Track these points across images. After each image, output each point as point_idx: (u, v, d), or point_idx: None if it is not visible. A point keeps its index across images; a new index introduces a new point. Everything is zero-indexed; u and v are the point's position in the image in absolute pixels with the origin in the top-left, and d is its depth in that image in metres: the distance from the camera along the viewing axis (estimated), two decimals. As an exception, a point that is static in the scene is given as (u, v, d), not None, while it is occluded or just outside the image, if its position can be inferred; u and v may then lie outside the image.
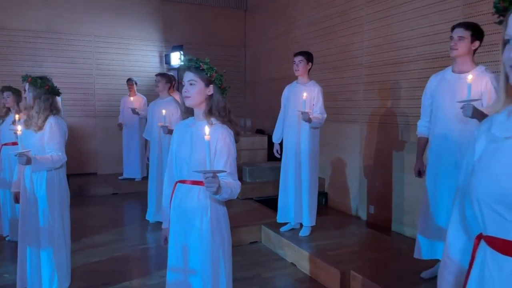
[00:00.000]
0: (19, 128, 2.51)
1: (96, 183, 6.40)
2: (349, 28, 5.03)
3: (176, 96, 5.28)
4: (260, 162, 6.07)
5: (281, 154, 3.85)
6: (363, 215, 4.82)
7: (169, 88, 4.73)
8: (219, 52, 7.51)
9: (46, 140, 2.77)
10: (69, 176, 6.20)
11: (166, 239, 2.07)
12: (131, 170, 6.37)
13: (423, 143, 2.90)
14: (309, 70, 3.73)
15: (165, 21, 7.43)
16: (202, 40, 7.46)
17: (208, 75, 1.89)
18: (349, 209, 5.04)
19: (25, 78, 2.85)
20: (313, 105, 3.61)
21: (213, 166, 1.73)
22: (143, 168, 6.32)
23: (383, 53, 4.50)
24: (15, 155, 2.57)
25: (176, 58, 7.05)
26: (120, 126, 6.36)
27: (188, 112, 2.01)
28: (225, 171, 1.76)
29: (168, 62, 7.29)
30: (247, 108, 7.90)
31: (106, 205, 5.57)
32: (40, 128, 2.78)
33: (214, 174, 1.64)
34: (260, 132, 7.12)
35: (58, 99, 6.80)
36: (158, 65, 7.40)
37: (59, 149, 2.79)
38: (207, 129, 1.67)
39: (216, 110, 1.92)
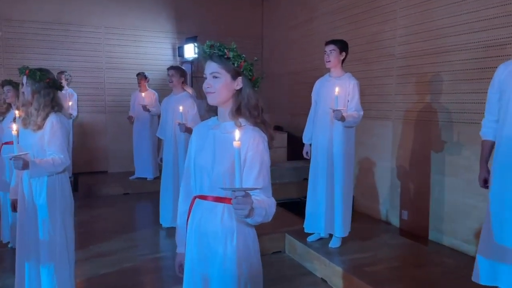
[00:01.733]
0: (14, 127, 2.17)
1: (106, 182, 6.09)
2: (379, 16, 4.57)
3: (189, 90, 4.92)
4: (280, 162, 5.67)
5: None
6: (395, 221, 4.39)
7: (182, 83, 4.36)
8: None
9: (47, 141, 2.44)
10: (78, 174, 6.01)
11: (181, 267, 1.69)
12: (142, 169, 6.03)
13: (488, 147, 2.44)
14: (343, 61, 3.30)
15: (178, 12, 7.04)
16: (217, 31, 7.03)
17: (236, 65, 1.49)
18: (378, 214, 4.62)
19: (22, 70, 2.51)
20: (348, 101, 3.18)
21: (242, 180, 1.33)
22: (155, 168, 5.99)
23: (420, 42, 4.04)
24: (10, 159, 2.23)
25: (190, 51, 6.67)
26: (130, 119, 6.01)
27: (211, 110, 1.62)
28: (259, 188, 1.38)
29: (181, 54, 6.92)
30: (264, 103, 7.47)
31: (116, 207, 5.26)
32: (40, 127, 2.44)
33: (247, 192, 1.26)
34: (278, 128, 6.70)
35: (75, 96, 6.48)
36: (171, 58, 7.03)
37: (62, 151, 2.44)
38: (237, 134, 1.28)
39: (246, 109, 1.52)
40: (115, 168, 6.71)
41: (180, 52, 6.95)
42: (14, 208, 2.62)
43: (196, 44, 6.60)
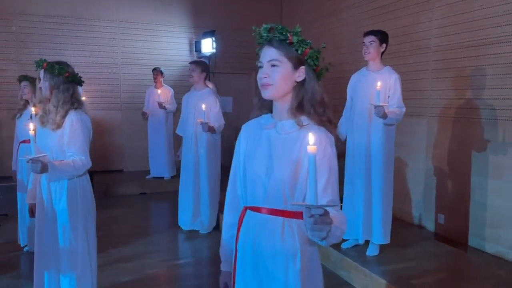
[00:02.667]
0: (31, 126, 1.96)
1: (122, 181, 5.92)
2: (413, 6, 4.28)
3: (209, 85, 4.70)
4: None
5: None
6: (429, 225, 4.12)
7: (205, 78, 4.14)
8: (253, 38, 6.82)
9: (66, 141, 2.23)
10: (94, 173, 5.82)
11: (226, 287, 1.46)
12: (158, 168, 5.84)
13: None
14: (383, 53, 3.04)
15: (194, 5, 6.82)
16: (235, 25, 6.80)
17: (299, 52, 1.25)
18: (410, 217, 4.35)
19: (39, 64, 2.30)
20: (389, 97, 2.93)
21: (318, 195, 1.08)
22: (171, 167, 5.79)
23: (458, 34, 3.76)
24: (27, 162, 2.02)
25: (208, 45, 6.45)
26: (144, 115, 5.79)
27: (263, 106, 1.38)
28: (336, 205, 1.14)
29: (198, 49, 6.70)
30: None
31: (134, 207, 5.08)
32: (59, 125, 2.23)
33: (326, 210, 1.02)
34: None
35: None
36: (187, 53, 6.81)
37: (83, 152, 2.24)
38: (312, 137, 1.04)
39: (310, 105, 1.27)
40: (131, 166, 6.53)
41: (197, 47, 6.73)
42: (32, 213, 2.41)
43: (213, 39, 6.38)
